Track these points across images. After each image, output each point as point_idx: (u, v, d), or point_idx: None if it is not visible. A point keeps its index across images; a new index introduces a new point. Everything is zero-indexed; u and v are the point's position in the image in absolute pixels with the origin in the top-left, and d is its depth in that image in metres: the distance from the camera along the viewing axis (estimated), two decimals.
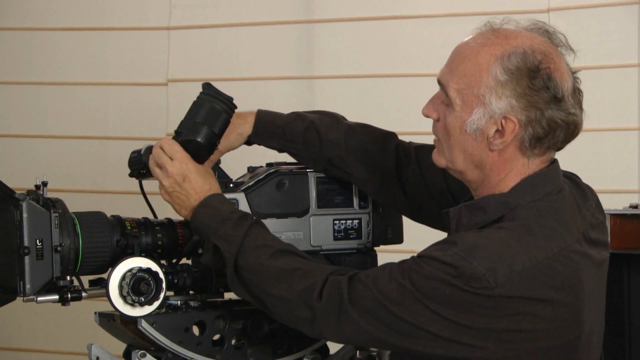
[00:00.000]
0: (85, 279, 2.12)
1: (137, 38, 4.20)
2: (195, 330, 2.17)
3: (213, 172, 2.17)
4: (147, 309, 2.07)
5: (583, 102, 1.96)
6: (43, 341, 4.26)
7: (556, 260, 1.86)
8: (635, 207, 3.29)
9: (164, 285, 2.08)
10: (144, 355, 2.14)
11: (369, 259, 2.31)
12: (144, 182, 2.24)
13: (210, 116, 2.11)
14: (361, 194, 2.30)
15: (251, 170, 2.28)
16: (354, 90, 4.02)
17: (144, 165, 2.16)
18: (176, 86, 4.16)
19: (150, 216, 2.24)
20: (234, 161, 2.38)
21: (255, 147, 2.32)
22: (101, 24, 4.22)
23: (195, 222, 2.09)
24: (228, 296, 2.24)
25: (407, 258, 1.91)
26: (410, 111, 3.87)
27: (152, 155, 2.14)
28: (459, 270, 1.82)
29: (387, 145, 2.28)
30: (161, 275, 2.08)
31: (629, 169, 3.73)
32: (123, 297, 2.06)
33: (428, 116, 2.00)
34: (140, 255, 2.09)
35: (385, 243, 2.34)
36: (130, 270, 2.06)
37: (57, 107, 4.24)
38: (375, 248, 2.33)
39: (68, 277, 2.07)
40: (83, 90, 4.23)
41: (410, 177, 2.26)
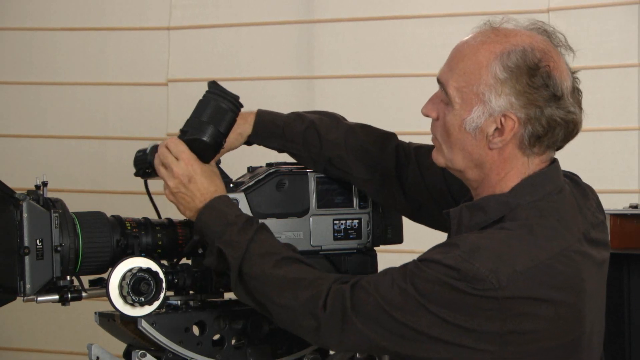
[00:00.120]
0: (85, 279, 2.12)
1: (137, 38, 4.20)
2: (195, 330, 2.16)
3: (219, 172, 2.16)
4: (147, 309, 2.07)
5: (583, 102, 1.96)
6: (43, 341, 4.26)
7: (557, 260, 1.85)
8: (635, 207, 3.29)
9: (164, 285, 2.08)
10: (144, 355, 2.14)
11: (369, 259, 2.31)
12: (149, 182, 2.23)
13: (216, 115, 2.09)
14: (361, 194, 2.29)
15: (251, 170, 2.28)
16: (354, 90, 4.01)
17: (149, 164, 2.15)
18: (176, 86, 4.16)
19: (154, 216, 2.23)
20: (234, 161, 2.38)
21: (255, 147, 2.32)
22: (101, 24, 4.22)
23: (199, 224, 2.08)
24: (228, 296, 2.23)
25: (409, 262, 1.91)
26: (410, 111, 3.86)
27: (158, 154, 2.12)
28: (462, 272, 1.81)
29: (387, 145, 2.27)
30: (161, 275, 2.08)
31: (629, 169, 3.73)
32: (123, 297, 2.06)
33: (427, 115, 2.00)
34: (140, 255, 2.09)
35: (385, 243, 2.34)
36: (130, 270, 2.06)
37: (57, 107, 4.24)
38: (375, 248, 2.32)
39: (68, 277, 2.07)
40: (83, 90, 4.23)
41: (410, 178, 2.26)
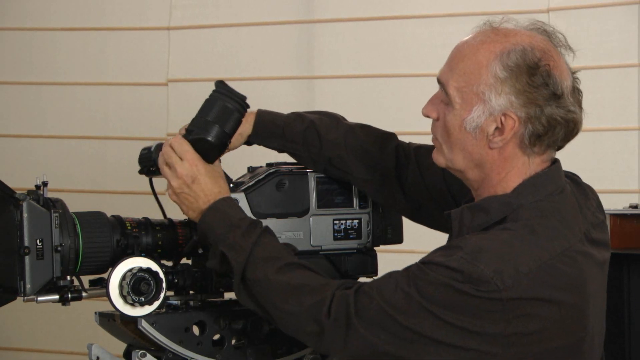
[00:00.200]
0: (85, 279, 2.12)
1: (137, 38, 4.21)
2: (195, 330, 2.16)
3: (223, 172, 2.14)
4: (147, 309, 2.07)
5: (583, 102, 1.96)
6: (43, 341, 4.26)
7: (560, 260, 1.85)
8: (635, 207, 3.30)
9: (164, 285, 2.08)
10: (144, 355, 2.14)
11: (369, 259, 2.30)
12: (155, 180, 2.22)
13: (222, 115, 2.08)
14: (361, 194, 2.29)
15: (251, 170, 2.28)
16: (354, 90, 4.02)
17: (154, 163, 2.14)
18: (176, 86, 4.16)
19: (155, 215, 2.22)
20: (234, 161, 2.38)
21: (255, 147, 2.32)
22: (101, 24, 4.22)
23: (202, 226, 2.07)
24: (228, 296, 2.23)
25: (411, 265, 1.90)
26: (410, 111, 3.86)
27: (162, 153, 2.11)
28: (465, 274, 1.81)
29: (387, 145, 2.27)
30: (161, 275, 2.08)
31: (629, 169, 3.73)
32: (123, 297, 2.06)
33: (428, 116, 1.99)
34: (140, 255, 2.09)
35: (385, 243, 2.34)
36: (130, 270, 2.06)
37: (57, 107, 4.24)
38: (375, 248, 2.32)
39: (68, 277, 2.07)
40: (83, 90, 4.23)
41: (409, 178, 2.26)
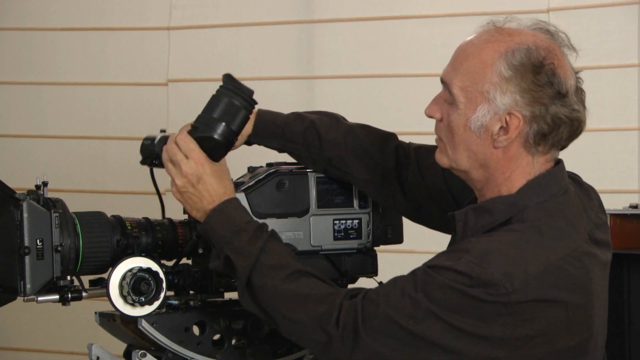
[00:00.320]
0: (85, 279, 2.12)
1: (137, 38, 4.21)
2: (195, 330, 2.16)
3: (228, 170, 2.11)
4: (148, 309, 2.07)
5: None
6: (43, 341, 4.26)
7: (567, 261, 1.85)
8: (635, 207, 3.30)
9: (164, 285, 2.08)
10: (144, 355, 2.14)
11: (369, 259, 2.31)
12: (156, 170, 2.18)
13: (228, 112, 2.04)
14: (361, 194, 2.29)
15: (251, 170, 2.28)
16: (354, 90, 4.02)
17: (157, 156, 2.10)
18: (176, 86, 4.16)
19: (155, 214, 2.21)
20: (234, 161, 2.38)
21: (255, 147, 2.32)
22: (101, 24, 4.22)
23: (207, 227, 2.04)
24: (228, 296, 2.24)
25: (417, 269, 1.88)
26: (410, 111, 3.87)
27: (167, 149, 2.07)
28: (474, 279, 1.80)
29: (387, 145, 2.27)
30: (161, 275, 2.08)
31: (629, 169, 3.73)
32: (123, 297, 2.06)
33: (431, 116, 1.98)
34: (140, 255, 2.09)
35: (385, 243, 2.34)
36: (130, 270, 2.06)
37: (57, 107, 4.24)
38: (375, 248, 2.32)
39: (68, 277, 2.07)
40: (83, 90, 4.23)
41: (410, 178, 2.25)
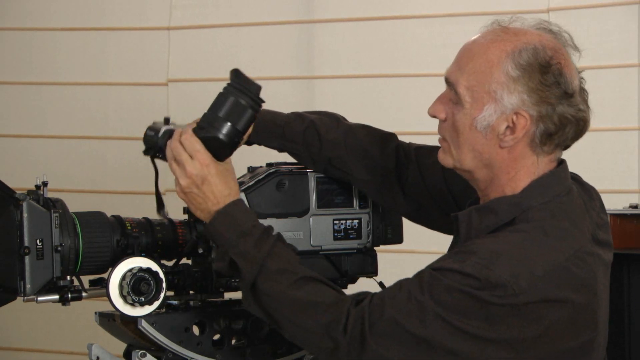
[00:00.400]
0: (85, 279, 2.12)
1: (137, 38, 4.21)
2: (195, 330, 2.17)
3: (233, 170, 2.08)
4: (147, 309, 2.07)
5: None
6: (43, 341, 4.26)
7: (572, 262, 1.85)
8: (635, 207, 3.30)
9: (164, 285, 2.08)
10: (144, 355, 2.14)
11: (369, 259, 2.31)
12: (159, 163, 2.14)
13: (234, 112, 2.00)
14: (361, 194, 2.29)
15: (251, 170, 2.28)
16: (354, 90, 4.02)
17: (160, 149, 2.07)
18: (176, 86, 4.16)
19: (155, 214, 2.20)
20: (234, 161, 2.37)
21: (255, 147, 2.32)
22: (101, 24, 4.23)
23: (212, 229, 2.02)
24: (228, 296, 2.24)
25: (421, 272, 1.87)
26: (410, 111, 3.88)
27: (171, 147, 2.03)
28: (482, 281, 1.79)
29: (387, 146, 2.27)
30: (161, 275, 2.08)
31: (629, 169, 3.73)
32: (123, 297, 2.06)
33: (435, 116, 1.98)
34: (140, 255, 2.09)
35: (385, 243, 2.34)
36: (130, 270, 2.06)
37: (57, 107, 4.24)
38: (375, 248, 2.32)
39: (68, 277, 2.07)
40: (83, 90, 4.23)
41: (410, 178, 2.25)
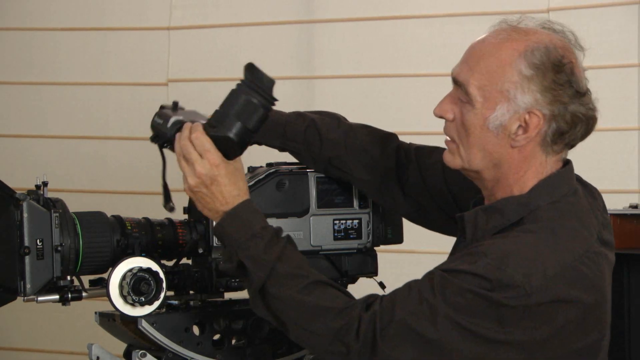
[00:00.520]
0: (85, 279, 2.12)
1: (137, 38, 4.21)
2: (195, 330, 2.17)
3: (243, 169, 2.04)
4: (148, 309, 2.07)
5: None
6: (43, 341, 4.26)
7: (581, 261, 1.85)
8: (635, 207, 3.30)
9: (164, 285, 2.08)
10: (144, 355, 2.14)
11: (369, 259, 2.31)
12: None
13: (245, 110, 1.96)
14: (361, 194, 2.29)
15: (251, 170, 2.28)
16: (354, 90, 4.01)
17: (169, 140, 2.03)
18: (176, 86, 4.16)
19: (159, 214, 2.19)
20: None
21: (255, 147, 2.31)
22: (101, 24, 4.22)
23: (220, 230, 1.99)
24: (228, 296, 2.24)
25: (431, 273, 1.86)
26: (410, 111, 3.87)
27: (180, 145, 1.99)
28: (494, 282, 1.79)
29: (388, 146, 2.27)
30: (161, 275, 2.08)
31: (629, 169, 3.73)
32: (123, 297, 2.06)
33: (441, 117, 1.96)
34: (140, 255, 2.09)
35: (385, 243, 2.34)
36: (130, 270, 2.06)
37: (57, 107, 4.24)
38: (375, 248, 2.32)
39: (68, 277, 2.08)
40: (83, 90, 4.23)
41: (410, 179, 2.25)
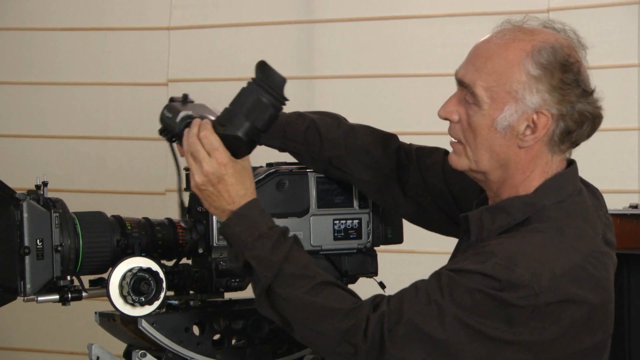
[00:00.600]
0: (85, 279, 2.12)
1: (137, 38, 4.21)
2: (195, 330, 2.17)
3: (250, 168, 2.02)
4: (148, 309, 2.07)
5: None
6: (43, 341, 4.26)
7: (588, 261, 1.84)
8: (635, 207, 3.30)
9: (164, 285, 2.08)
10: (144, 355, 2.14)
11: (369, 259, 2.31)
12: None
13: (255, 110, 1.95)
14: (361, 194, 2.29)
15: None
16: (354, 90, 4.02)
17: (177, 135, 2.01)
18: (176, 86, 4.16)
19: (155, 214, 2.19)
20: None
21: (255, 147, 2.31)
22: (101, 24, 4.23)
23: (227, 229, 1.97)
24: (228, 296, 2.24)
25: (438, 273, 1.85)
26: (410, 111, 3.88)
27: (189, 142, 1.98)
28: (503, 282, 1.78)
29: (388, 146, 2.26)
30: (161, 275, 2.08)
31: (629, 169, 3.73)
32: (123, 297, 2.06)
33: (447, 118, 1.95)
34: (140, 255, 2.09)
35: (385, 243, 2.33)
36: (130, 270, 2.06)
37: (57, 107, 4.25)
38: (375, 248, 2.32)
39: (68, 277, 2.07)
40: (83, 90, 4.24)
41: (410, 179, 2.24)
